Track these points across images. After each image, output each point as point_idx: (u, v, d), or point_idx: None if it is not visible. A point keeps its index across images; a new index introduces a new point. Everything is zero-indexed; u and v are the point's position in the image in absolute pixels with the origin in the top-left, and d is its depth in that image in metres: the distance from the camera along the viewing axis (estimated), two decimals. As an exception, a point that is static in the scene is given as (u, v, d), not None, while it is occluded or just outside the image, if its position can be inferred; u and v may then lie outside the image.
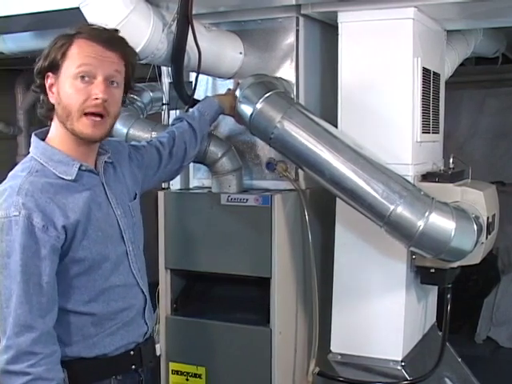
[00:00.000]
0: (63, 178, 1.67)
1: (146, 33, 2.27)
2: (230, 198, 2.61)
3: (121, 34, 1.82)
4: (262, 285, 2.57)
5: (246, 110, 2.44)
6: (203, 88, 2.87)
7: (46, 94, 1.69)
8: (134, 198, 1.92)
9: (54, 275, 1.62)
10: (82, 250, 1.67)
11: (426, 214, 2.25)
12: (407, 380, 2.56)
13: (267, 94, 2.41)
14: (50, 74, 1.67)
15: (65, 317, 1.67)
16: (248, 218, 2.59)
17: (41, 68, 1.68)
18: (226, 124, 2.84)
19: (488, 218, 2.44)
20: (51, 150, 1.70)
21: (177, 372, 2.72)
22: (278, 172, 2.71)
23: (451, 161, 2.61)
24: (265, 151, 2.75)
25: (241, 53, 2.76)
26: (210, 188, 2.74)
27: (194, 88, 2.62)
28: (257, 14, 2.72)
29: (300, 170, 2.69)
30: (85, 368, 1.70)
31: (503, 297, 5.08)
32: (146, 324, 1.87)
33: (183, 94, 2.58)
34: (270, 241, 2.55)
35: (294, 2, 2.61)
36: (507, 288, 5.10)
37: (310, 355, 2.74)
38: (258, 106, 2.40)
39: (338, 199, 2.54)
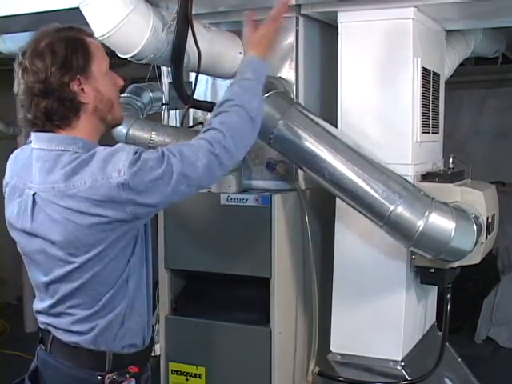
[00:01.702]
0: None
1: (145, 33, 2.26)
2: (229, 198, 2.61)
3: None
4: (262, 285, 2.57)
5: (246, 109, 2.43)
6: (203, 88, 2.87)
7: (74, 99, 1.70)
8: None
9: None
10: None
11: (426, 213, 2.25)
12: (407, 380, 2.56)
13: (267, 94, 2.41)
14: (79, 77, 1.69)
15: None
16: (248, 218, 2.59)
17: (71, 76, 1.68)
18: (226, 124, 2.83)
19: (488, 218, 2.44)
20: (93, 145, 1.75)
21: (177, 372, 2.72)
22: (278, 172, 2.71)
23: (451, 161, 2.61)
24: (265, 151, 2.75)
25: (241, 53, 2.76)
26: (210, 188, 2.74)
27: (194, 88, 2.62)
28: (257, 13, 2.71)
29: (300, 170, 2.69)
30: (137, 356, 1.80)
31: (503, 297, 5.08)
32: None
33: (183, 94, 2.58)
34: (269, 241, 2.55)
35: (293, 2, 2.60)
36: (507, 288, 5.11)
37: (310, 355, 2.74)
38: (258, 105, 2.39)
39: (337, 199, 2.54)
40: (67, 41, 1.69)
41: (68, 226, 1.63)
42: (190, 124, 2.91)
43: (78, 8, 2.22)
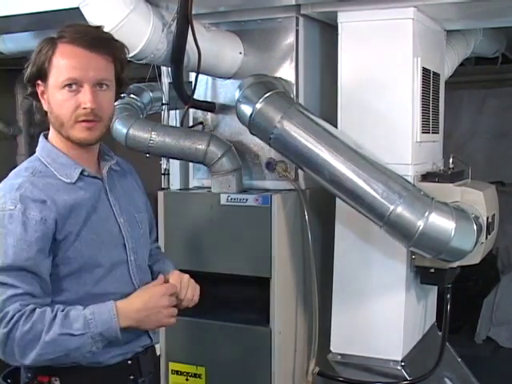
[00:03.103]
0: (63, 180, 1.68)
1: (145, 33, 2.27)
2: (229, 198, 2.61)
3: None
4: (262, 285, 2.57)
5: (246, 109, 2.44)
6: (203, 88, 2.87)
7: (38, 100, 1.68)
8: (142, 212, 1.89)
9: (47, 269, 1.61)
10: (73, 251, 1.64)
11: (426, 213, 2.25)
12: (407, 380, 2.56)
13: (267, 94, 2.41)
14: (39, 81, 1.65)
15: None
16: (248, 218, 2.59)
17: (30, 76, 1.66)
18: (226, 124, 2.84)
19: (488, 218, 2.44)
20: (57, 152, 1.70)
21: (177, 372, 2.72)
22: (278, 172, 2.71)
23: (451, 161, 2.61)
24: (265, 151, 2.75)
25: (241, 53, 2.76)
26: (210, 188, 2.74)
27: (194, 88, 2.62)
28: (257, 13, 2.72)
29: (300, 170, 2.69)
30: (79, 376, 1.64)
31: (503, 297, 5.07)
32: (150, 338, 1.81)
33: (183, 94, 2.58)
34: (269, 241, 2.55)
35: (293, 2, 2.61)
36: (507, 288, 5.10)
37: (310, 355, 2.74)
38: (258, 105, 2.40)
39: (337, 199, 2.54)
40: (42, 43, 1.66)
41: None
42: (190, 124, 2.91)
43: (78, 8, 2.22)
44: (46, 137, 1.75)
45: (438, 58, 2.83)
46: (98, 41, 1.67)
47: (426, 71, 2.58)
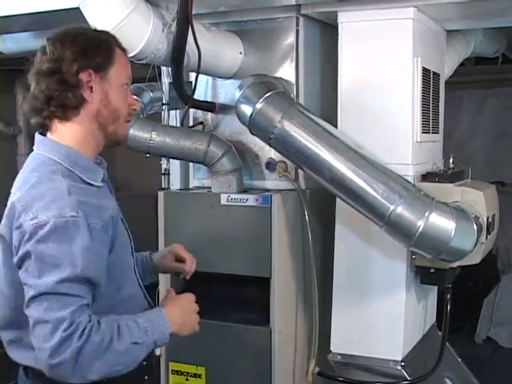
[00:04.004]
0: (91, 184, 1.61)
1: (146, 33, 2.27)
2: (229, 198, 2.61)
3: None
4: (262, 285, 2.57)
5: (246, 109, 2.44)
6: (203, 88, 2.87)
7: (77, 90, 1.59)
8: None
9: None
10: (114, 256, 1.60)
11: (426, 213, 2.24)
12: (407, 380, 2.56)
13: (267, 94, 2.41)
14: (91, 71, 1.60)
15: None
16: (248, 218, 2.59)
17: (84, 65, 1.59)
18: (226, 124, 2.84)
19: (488, 218, 2.44)
20: (76, 153, 1.61)
21: (177, 372, 2.72)
22: (278, 172, 2.71)
23: (451, 161, 2.61)
24: (265, 151, 2.75)
25: (241, 53, 2.76)
26: (210, 188, 2.74)
27: (194, 88, 2.62)
28: (257, 13, 2.72)
29: (300, 170, 2.69)
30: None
31: (503, 297, 5.08)
32: None
33: (183, 94, 2.58)
34: (269, 241, 2.55)
35: (293, 2, 2.61)
36: (507, 288, 5.10)
37: (310, 355, 2.74)
38: (258, 105, 2.40)
39: (338, 199, 2.54)
40: (93, 37, 1.67)
41: None
42: (190, 124, 2.91)
43: (78, 8, 2.22)
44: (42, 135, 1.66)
45: (438, 57, 2.83)
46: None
47: (426, 71, 2.58)
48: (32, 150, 1.69)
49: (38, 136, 1.66)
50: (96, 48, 1.62)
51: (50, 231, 1.45)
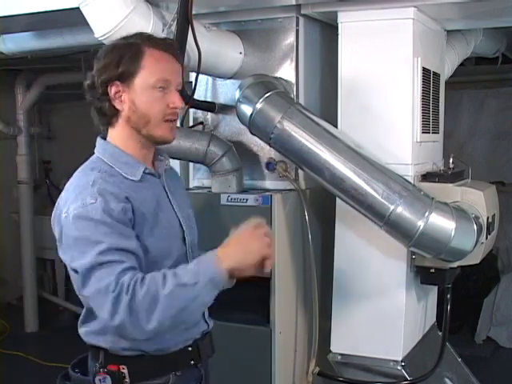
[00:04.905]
0: (129, 179, 1.74)
1: (145, 33, 2.26)
2: (229, 198, 2.61)
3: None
4: (262, 285, 2.57)
5: (246, 109, 2.44)
6: (203, 88, 2.87)
7: (110, 101, 1.73)
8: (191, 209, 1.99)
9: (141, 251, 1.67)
10: (148, 244, 1.71)
11: (426, 214, 2.25)
12: (407, 380, 2.56)
13: (267, 94, 2.41)
14: (117, 82, 1.71)
15: None
16: (248, 218, 2.58)
17: (109, 78, 1.71)
18: (226, 124, 2.84)
19: (488, 218, 2.44)
20: (119, 152, 1.77)
21: (177, 372, 2.71)
22: (278, 172, 2.71)
23: (451, 161, 2.62)
24: (265, 151, 2.75)
25: (241, 53, 2.76)
26: (210, 188, 2.74)
27: (194, 88, 2.62)
28: (257, 13, 2.73)
29: (300, 170, 2.69)
30: (145, 364, 1.74)
31: (503, 297, 5.07)
32: (207, 323, 1.96)
33: (183, 94, 2.58)
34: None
35: (293, 2, 2.61)
36: (507, 288, 5.10)
37: (310, 355, 2.74)
38: (258, 105, 2.40)
39: (338, 199, 2.54)
40: (122, 47, 1.74)
41: None
42: (191, 124, 2.91)
43: (78, 8, 2.22)
44: (102, 138, 1.82)
45: (438, 58, 2.83)
46: (172, 46, 1.82)
47: (426, 71, 2.58)
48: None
49: (97, 139, 1.83)
50: (121, 59, 1.71)
51: (79, 218, 1.63)
